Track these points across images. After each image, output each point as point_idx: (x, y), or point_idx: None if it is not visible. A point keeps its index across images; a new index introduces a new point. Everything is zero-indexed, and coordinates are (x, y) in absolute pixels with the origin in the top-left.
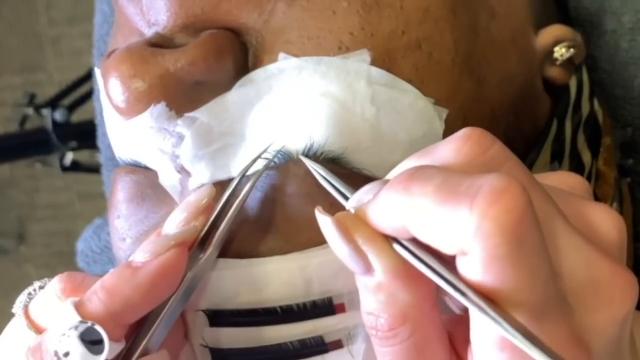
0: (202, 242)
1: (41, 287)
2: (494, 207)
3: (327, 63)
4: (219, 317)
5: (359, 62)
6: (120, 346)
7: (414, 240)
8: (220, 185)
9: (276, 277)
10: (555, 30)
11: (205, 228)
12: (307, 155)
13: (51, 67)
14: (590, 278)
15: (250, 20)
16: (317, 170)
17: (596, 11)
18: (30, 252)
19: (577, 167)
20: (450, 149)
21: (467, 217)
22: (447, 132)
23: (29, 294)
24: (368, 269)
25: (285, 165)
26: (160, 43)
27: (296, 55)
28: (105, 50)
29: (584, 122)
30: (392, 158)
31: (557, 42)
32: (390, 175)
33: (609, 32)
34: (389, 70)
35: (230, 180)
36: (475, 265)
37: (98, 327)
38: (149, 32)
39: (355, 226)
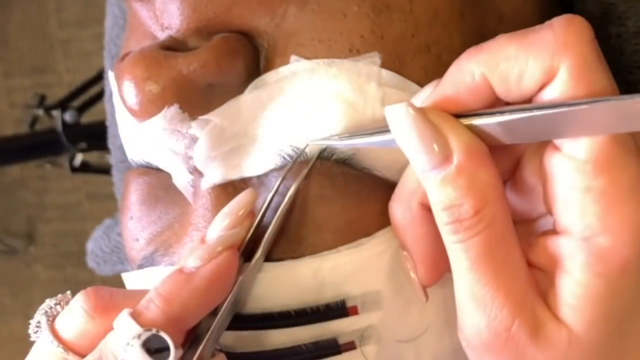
0: (246, 246)
1: (57, 304)
2: (573, 25)
3: (339, 65)
4: (233, 322)
5: (370, 65)
6: (180, 353)
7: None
8: (232, 186)
9: (289, 280)
10: None
11: (251, 232)
12: (319, 157)
13: (61, 69)
14: None
15: (262, 24)
16: (336, 139)
17: (601, 16)
18: (39, 253)
19: None
20: None
21: (551, 37)
22: None
23: (46, 312)
24: (447, 155)
25: (297, 167)
26: (173, 46)
27: (308, 58)
28: (115, 52)
29: None
30: (403, 159)
31: None
32: (423, 93)
33: (613, 37)
34: (399, 72)
35: (242, 180)
36: (567, 79)
37: (163, 334)
38: (162, 36)
39: (428, 111)
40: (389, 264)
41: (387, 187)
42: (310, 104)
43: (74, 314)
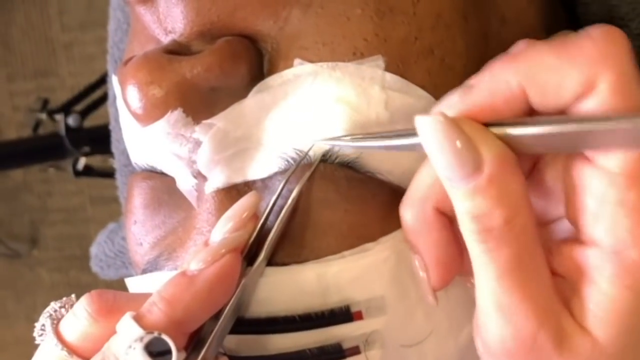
0: (249, 249)
1: (62, 307)
2: (612, 36)
3: (342, 69)
4: (237, 325)
5: (373, 68)
6: (183, 356)
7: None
8: (235, 190)
9: (294, 285)
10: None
11: (254, 235)
12: (323, 160)
13: (64, 73)
14: None
15: (266, 27)
16: (347, 139)
17: (604, 17)
18: (42, 256)
19: None
20: None
21: (591, 48)
22: None
23: (50, 315)
24: (478, 165)
25: (300, 170)
26: (177, 50)
27: (311, 61)
28: (119, 56)
29: None
30: (406, 163)
31: None
32: (450, 100)
33: None
34: (402, 75)
35: (245, 183)
36: (607, 91)
37: (165, 337)
38: (165, 40)
39: (460, 120)
40: (394, 269)
41: (390, 191)
42: (313, 107)
43: (78, 317)
